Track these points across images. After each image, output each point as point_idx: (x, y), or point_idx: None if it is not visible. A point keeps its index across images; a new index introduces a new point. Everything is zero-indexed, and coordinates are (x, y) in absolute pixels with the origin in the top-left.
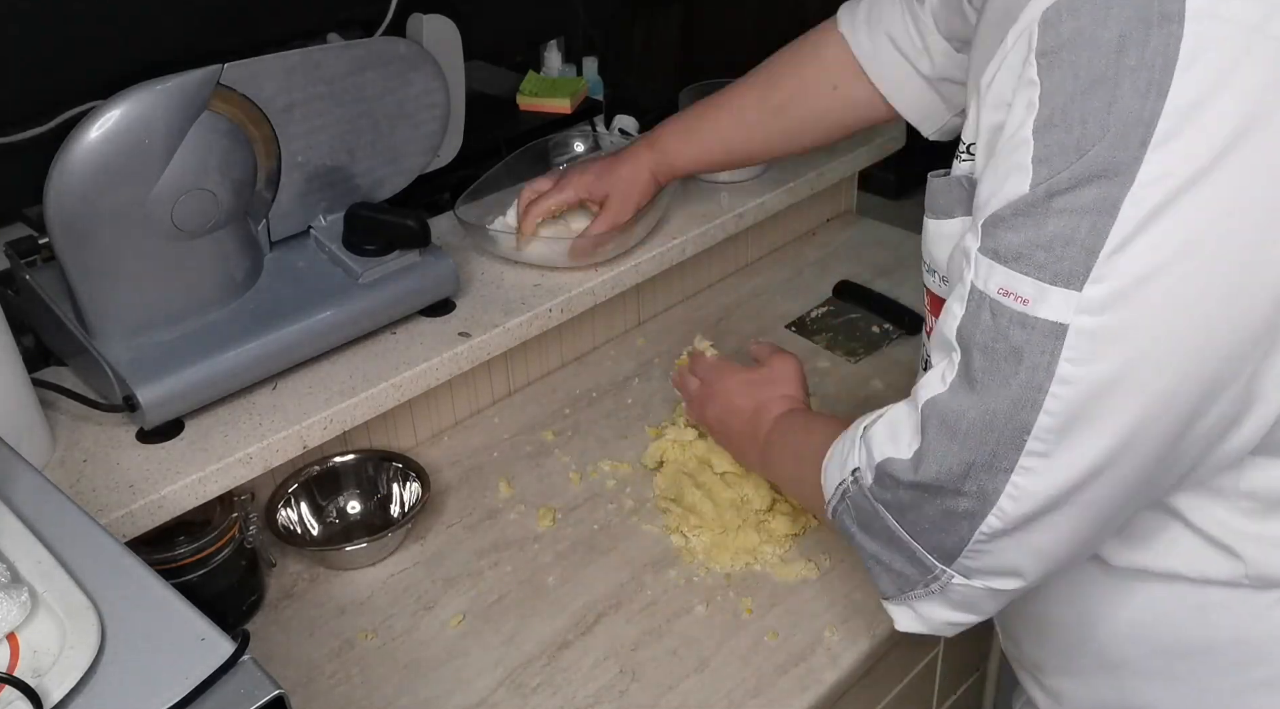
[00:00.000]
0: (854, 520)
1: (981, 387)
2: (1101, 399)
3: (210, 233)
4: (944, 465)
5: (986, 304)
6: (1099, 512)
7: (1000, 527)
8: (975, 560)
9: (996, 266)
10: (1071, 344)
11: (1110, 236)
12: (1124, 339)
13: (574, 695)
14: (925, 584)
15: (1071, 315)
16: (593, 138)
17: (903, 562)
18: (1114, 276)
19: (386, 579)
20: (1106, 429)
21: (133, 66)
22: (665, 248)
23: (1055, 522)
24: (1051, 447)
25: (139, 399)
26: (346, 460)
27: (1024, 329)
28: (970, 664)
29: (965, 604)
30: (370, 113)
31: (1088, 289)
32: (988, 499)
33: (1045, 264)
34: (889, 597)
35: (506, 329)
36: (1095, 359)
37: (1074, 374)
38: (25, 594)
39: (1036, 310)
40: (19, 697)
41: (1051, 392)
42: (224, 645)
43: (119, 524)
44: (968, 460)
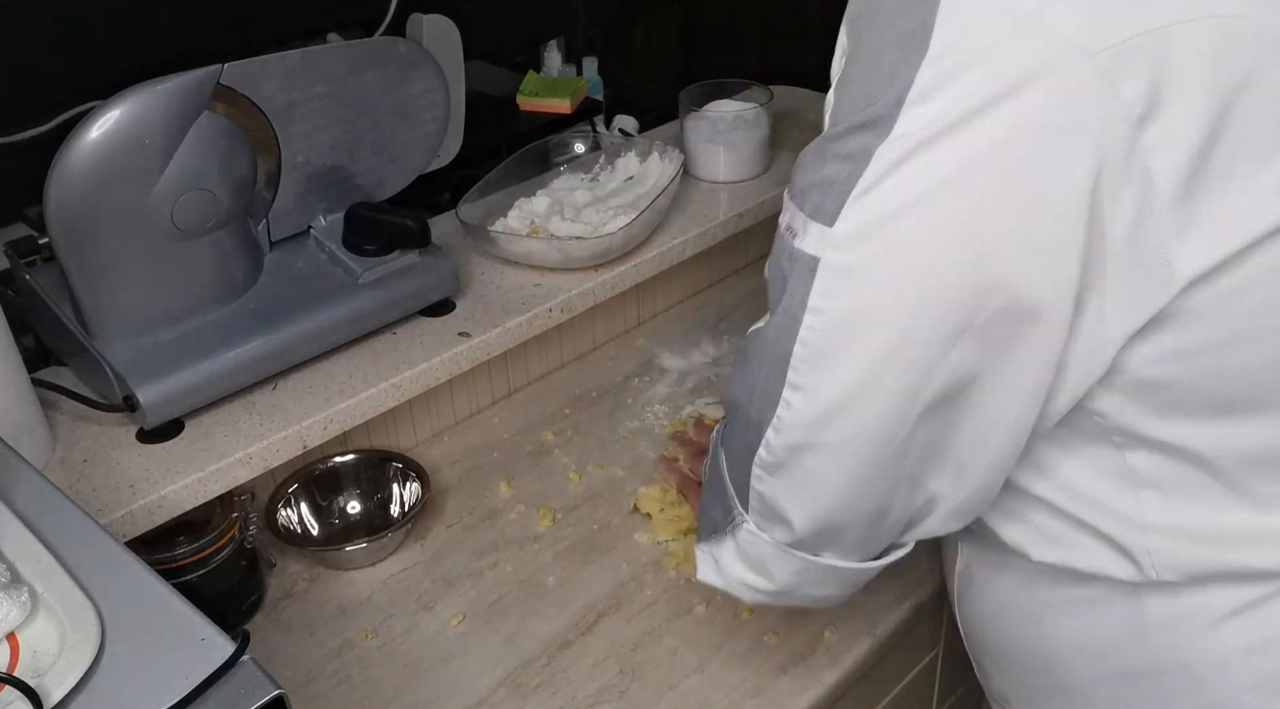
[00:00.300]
0: (705, 470)
1: (767, 315)
2: (844, 332)
3: (210, 233)
4: (738, 386)
5: (779, 237)
6: (847, 462)
7: (768, 459)
8: (758, 500)
9: (789, 204)
10: (821, 276)
11: (860, 180)
12: (864, 275)
13: (574, 695)
14: (726, 525)
15: (823, 250)
16: (593, 138)
17: (718, 505)
18: (857, 216)
19: (386, 579)
20: (849, 363)
21: (133, 66)
22: (665, 248)
23: (811, 464)
24: (806, 378)
25: (139, 399)
26: (346, 460)
27: (791, 261)
28: (970, 665)
29: (755, 561)
30: (370, 113)
31: (837, 226)
32: (761, 428)
33: (814, 202)
34: (700, 540)
35: (506, 329)
36: (840, 293)
37: (823, 305)
38: (25, 594)
39: (801, 243)
40: (19, 697)
41: (805, 322)
42: (224, 645)
43: (119, 524)
44: (750, 383)
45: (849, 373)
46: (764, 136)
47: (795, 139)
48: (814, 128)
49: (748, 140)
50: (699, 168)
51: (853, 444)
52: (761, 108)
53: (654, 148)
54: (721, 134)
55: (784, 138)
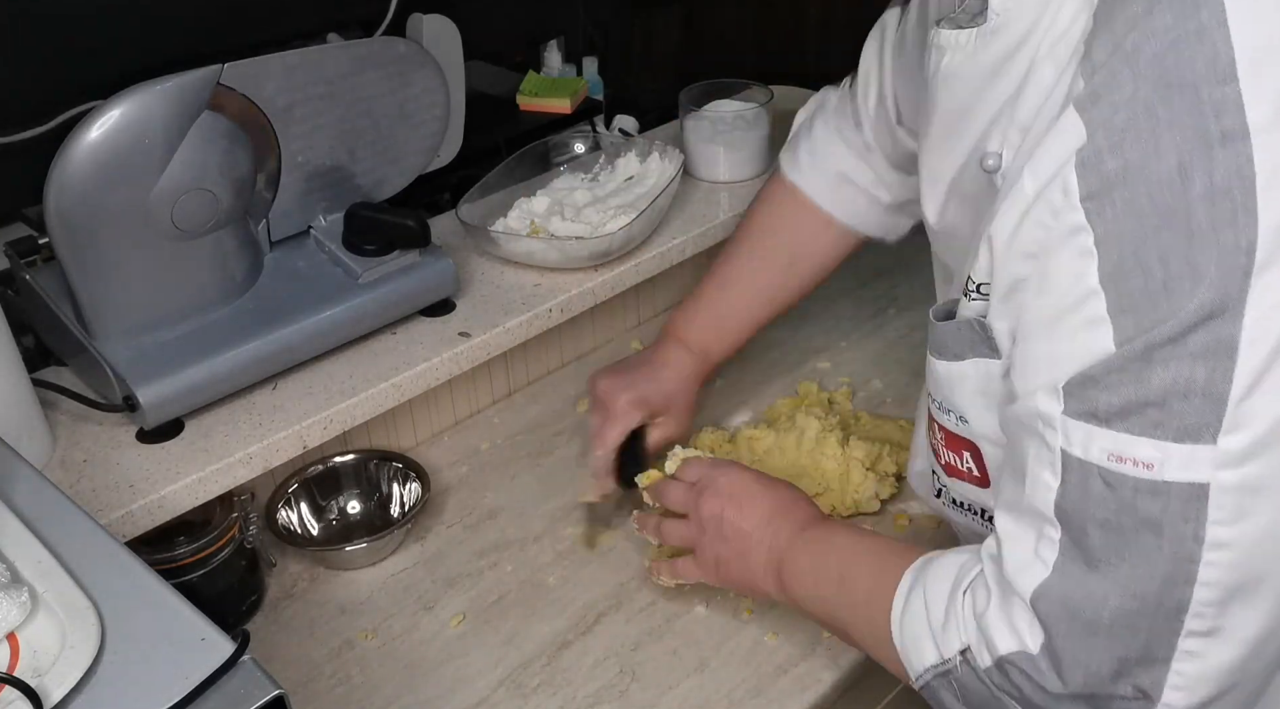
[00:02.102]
0: (959, 699)
1: (1111, 568)
2: (1263, 557)
3: (210, 233)
4: (1090, 667)
5: (1095, 473)
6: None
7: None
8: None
9: (1098, 431)
10: (1218, 503)
11: (1235, 380)
12: (1275, 486)
13: (574, 695)
14: None
15: (1211, 472)
16: (593, 138)
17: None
18: (1250, 422)
19: (386, 579)
20: (1271, 589)
21: (133, 66)
22: (665, 248)
23: (1231, 699)
24: (1214, 622)
25: (139, 399)
26: (346, 460)
27: (1155, 496)
28: None
29: None
30: (370, 113)
31: (1223, 440)
32: (1150, 697)
33: (1163, 421)
34: None
35: (506, 329)
36: (1248, 515)
37: (1227, 536)
38: (25, 594)
39: (1165, 473)
40: (19, 697)
41: (1205, 560)
42: (224, 645)
43: (119, 524)
44: (1118, 655)
45: (1275, 598)
46: (764, 136)
47: None
48: None
49: (748, 140)
50: (699, 168)
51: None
52: (761, 108)
53: (654, 148)
54: (721, 134)
55: (784, 137)
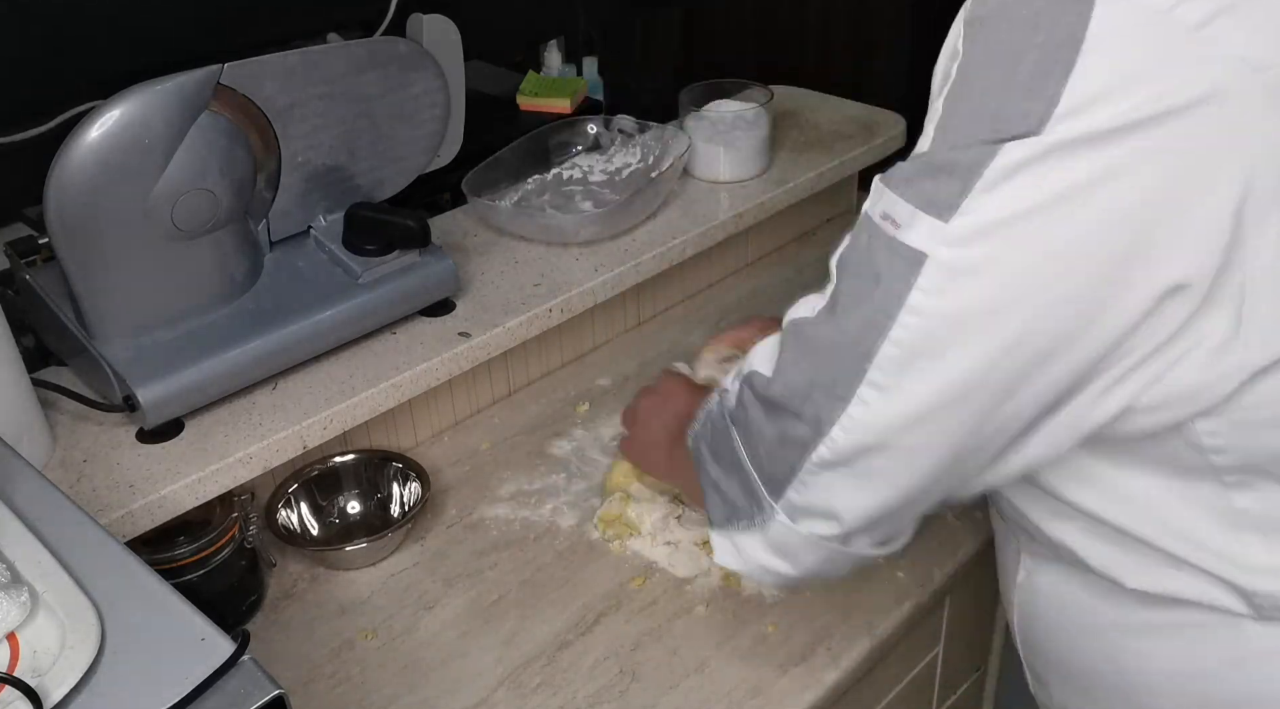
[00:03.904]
0: (708, 444)
1: (840, 309)
2: (946, 335)
3: (210, 233)
4: (790, 382)
5: (866, 227)
6: (923, 460)
7: (829, 457)
8: (800, 495)
9: (886, 191)
10: (927, 273)
11: (982, 177)
12: (977, 276)
13: (574, 695)
14: (751, 516)
15: (933, 245)
16: (593, 138)
17: (737, 490)
18: (979, 211)
19: (386, 579)
20: (946, 368)
21: (133, 66)
22: (665, 248)
23: (879, 464)
24: (890, 378)
25: (139, 399)
26: (346, 460)
27: (889, 252)
28: (971, 664)
29: (782, 548)
30: (370, 113)
31: (953, 221)
32: (822, 426)
33: (924, 191)
34: (715, 524)
35: (506, 329)
36: (947, 292)
37: (924, 305)
38: (25, 594)
39: (904, 236)
40: (19, 697)
41: (900, 320)
42: (224, 645)
43: (119, 524)
44: (810, 379)
45: (946, 376)
46: (764, 136)
47: (795, 139)
48: (814, 128)
49: (748, 140)
50: (699, 168)
51: (933, 447)
52: (761, 108)
53: (665, 132)
54: (721, 134)
55: (784, 138)
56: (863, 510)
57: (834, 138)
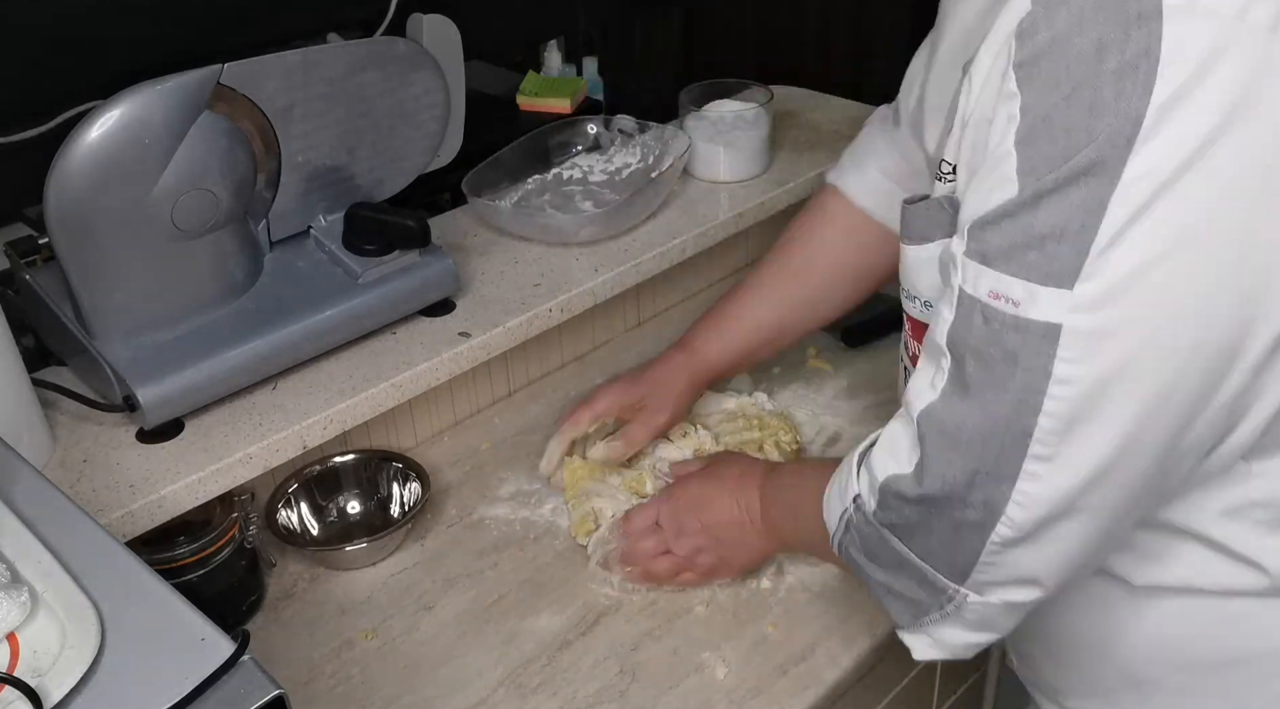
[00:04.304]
0: (860, 550)
1: (977, 392)
2: (1100, 397)
3: (210, 233)
4: (948, 476)
5: (978, 308)
6: (1110, 512)
7: (1011, 536)
8: (988, 574)
9: (985, 270)
10: (1066, 343)
11: (1100, 233)
12: (1119, 334)
13: (574, 695)
14: (940, 606)
15: (1064, 315)
16: (593, 138)
17: (914, 587)
18: (1105, 273)
19: (386, 579)
20: (1108, 427)
21: (133, 66)
22: (665, 248)
23: (1066, 526)
24: (1054, 449)
25: (139, 399)
26: (346, 460)
27: (1017, 331)
28: (970, 664)
29: (982, 623)
30: (370, 113)
31: (1079, 287)
32: (995, 509)
33: (1035, 265)
34: (904, 626)
35: (506, 329)
36: (1091, 357)
37: (1071, 374)
38: (25, 594)
39: (1028, 312)
40: (19, 697)
41: (1050, 393)
42: (224, 645)
43: (119, 524)
44: (971, 468)
45: (1110, 436)
46: (764, 136)
47: (795, 139)
48: (814, 128)
49: (748, 140)
50: (699, 168)
51: (1113, 503)
52: (761, 108)
53: (665, 132)
54: (721, 134)
55: (784, 138)
56: (1059, 571)
57: (834, 138)
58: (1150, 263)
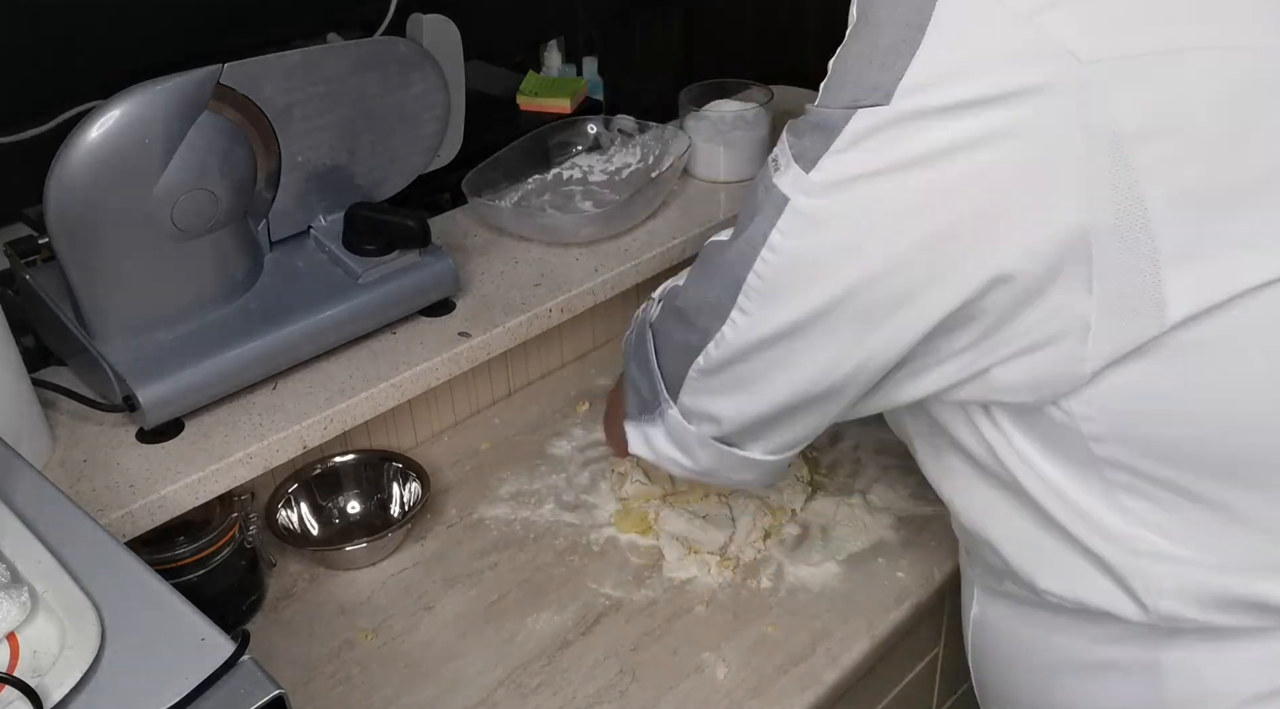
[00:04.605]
0: (631, 348)
1: (735, 233)
2: (796, 275)
3: (210, 233)
4: (690, 297)
5: (767, 162)
6: (777, 383)
7: (705, 366)
8: (689, 398)
9: (784, 136)
10: (786, 217)
11: (841, 135)
12: (824, 227)
13: (574, 695)
14: (656, 407)
15: (795, 192)
16: (593, 138)
17: (648, 387)
18: (832, 169)
19: (386, 579)
20: (795, 305)
21: (133, 66)
22: (665, 248)
23: (743, 379)
24: (753, 306)
25: (139, 399)
26: (346, 460)
27: (766, 191)
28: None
29: (680, 442)
30: (370, 113)
31: (812, 173)
32: (706, 336)
33: (797, 146)
34: (629, 417)
35: (506, 329)
36: (799, 236)
37: (780, 245)
38: (25, 594)
39: (778, 179)
40: (19, 697)
41: (762, 255)
42: (224, 645)
43: (119, 524)
44: (702, 293)
45: (792, 313)
46: (764, 136)
47: None
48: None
49: (748, 140)
50: (699, 168)
51: (784, 372)
52: (761, 108)
53: (665, 132)
54: (721, 134)
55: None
56: (735, 416)
57: None
58: (868, 175)
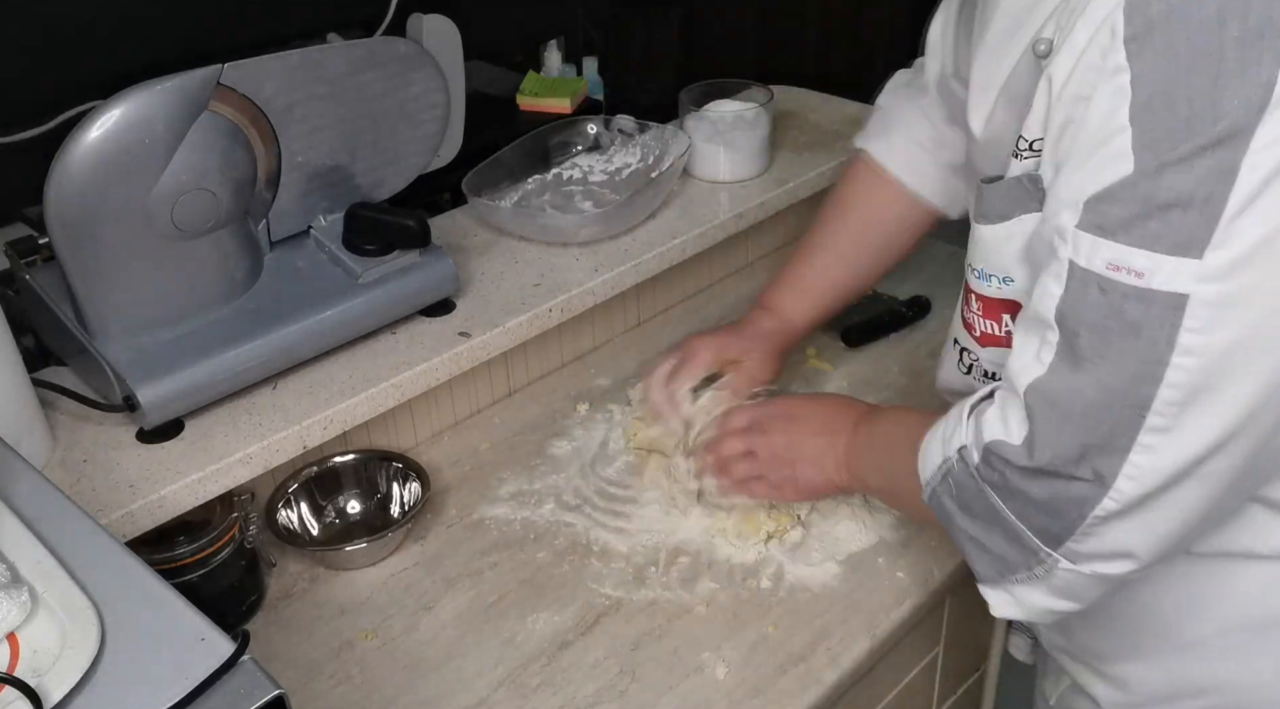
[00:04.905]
0: (954, 500)
1: (1092, 365)
2: (1226, 366)
3: (210, 233)
4: (1058, 449)
5: (1093, 281)
6: (1217, 485)
7: (1116, 508)
8: (1084, 544)
9: (1102, 242)
10: (1193, 313)
11: (1230, 201)
12: (1248, 302)
13: (574, 695)
14: (1028, 568)
15: (1193, 284)
16: (593, 138)
17: (1004, 545)
18: (1235, 241)
19: (386, 579)
20: (1231, 397)
21: (133, 66)
22: (665, 248)
23: (1173, 499)
24: (1173, 421)
25: (139, 399)
26: (346, 460)
27: (1141, 303)
28: (970, 664)
29: (1067, 591)
30: (370, 113)
31: (1209, 255)
32: (1104, 481)
33: (1160, 235)
34: (986, 580)
35: (506, 329)
36: (1219, 326)
37: (1197, 344)
38: (25, 594)
39: (1152, 282)
40: (19, 697)
41: (1173, 363)
42: (224, 645)
43: (119, 524)
44: (1083, 442)
45: (1232, 406)
46: (764, 136)
47: (795, 139)
48: (814, 127)
49: (748, 140)
50: (699, 168)
51: (1222, 474)
52: (761, 108)
53: (665, 132)
54: (721, 134)
55: (784, 138)
56: (1159, 543)
57: (834, 138)
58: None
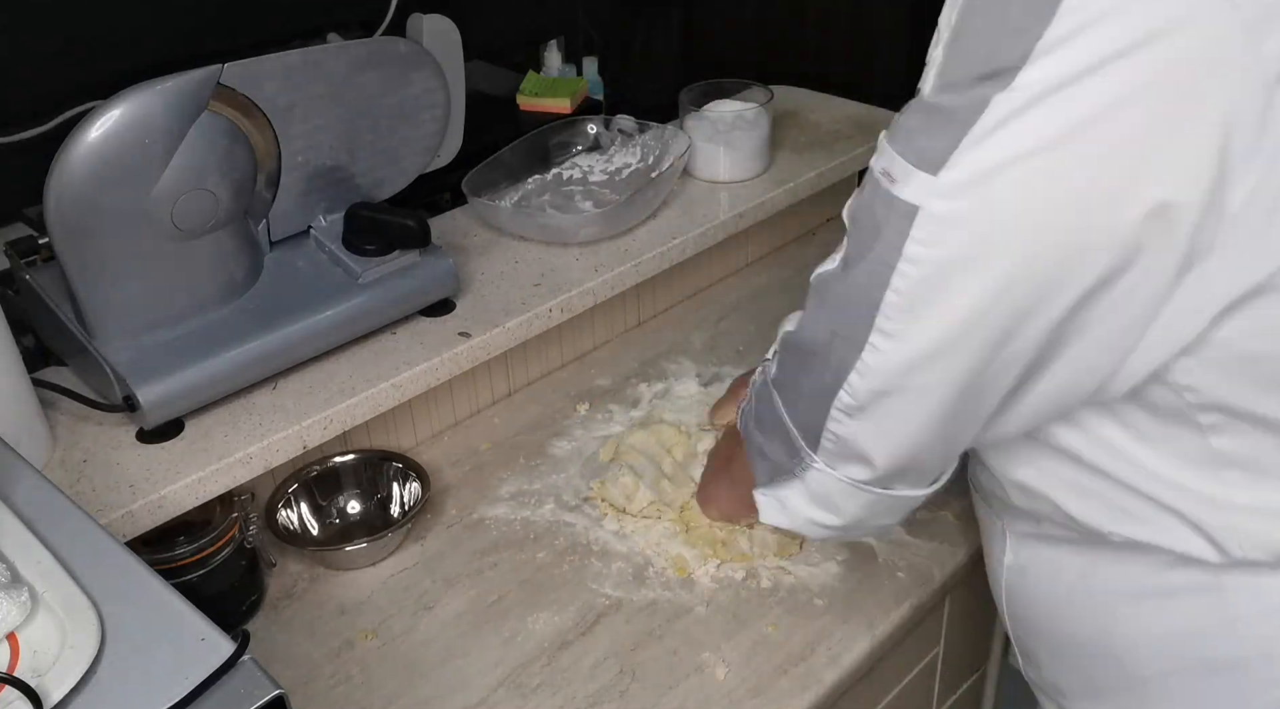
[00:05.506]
0: (753, 416)
1: (850, 261)
2: (941, 283)
3: (210, 233)
4: (815, 330)
5: (870, 182)
6: (937, 401)
7: (850, 402)
8: (833, 443)
9: (886, 147)
10: (920, 225)
11: (974, 128)
12: (966, 225)
13: (574, 695)
14: (792, 469)
15: (925, 197)
16: (593, 138)
17: (780, 449)
18: (965, 166)
19: (386, 579)
20: (944, 311)
21: (133, 66)
22: (665, 248)
23: (897, 406)
24: (896, 325)
25: (139, 399)
26: (346, 460)
27: (886, 207)
28: (970, 664)
29: (824, 498)
30: (370, 113)
31: (942, 174)
32: (842, 371)
33: (920, 149)
34: (760, 485)
35: (506, 329)
36: (938, 242)
37: (919, 254)
38: (25, 594)
39: (899, 190)
40: (19, 697)
41: (899, 269)
42: (224, 645)
43: (119, 524)
44: (831, 329)
45: (946, 320)
46: (764, 136)
47: (795, 139)
48: (814, 127)
49: (748, 140)
50: (699, 168)
51: (942, 387)
52: (761, 108)
53: (665, 132)
54: (721, 134)
55: (784, 137)
56: (890, 452)
57: (834, 138)
58: (1010, 161)
